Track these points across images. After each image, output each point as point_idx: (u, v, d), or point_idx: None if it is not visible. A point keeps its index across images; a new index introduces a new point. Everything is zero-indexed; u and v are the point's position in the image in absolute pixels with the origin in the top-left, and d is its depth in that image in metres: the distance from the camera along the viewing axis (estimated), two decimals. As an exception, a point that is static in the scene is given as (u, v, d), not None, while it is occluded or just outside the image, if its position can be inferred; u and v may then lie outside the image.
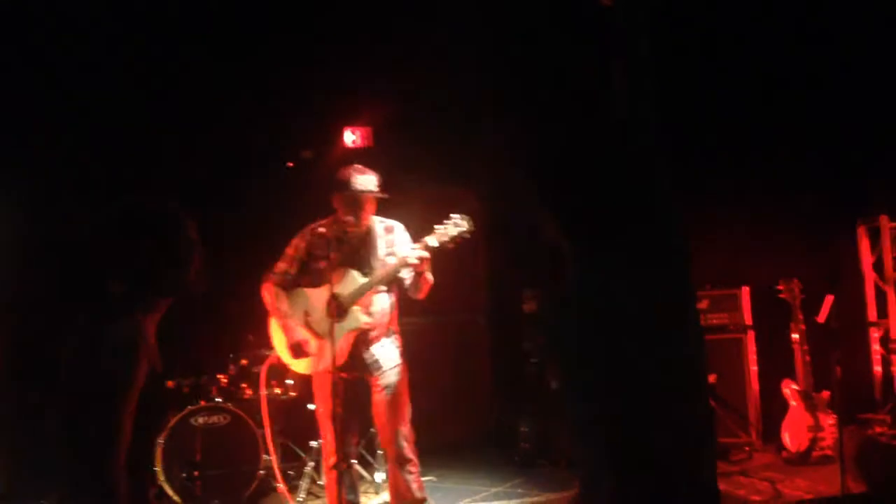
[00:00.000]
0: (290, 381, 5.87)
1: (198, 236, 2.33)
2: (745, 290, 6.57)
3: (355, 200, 4.19)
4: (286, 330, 4.24)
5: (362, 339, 4.20)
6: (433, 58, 6.49)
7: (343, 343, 4.12)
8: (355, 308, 4.15)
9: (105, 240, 2.26)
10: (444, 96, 6.62)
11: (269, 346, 5.87)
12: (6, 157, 5.92)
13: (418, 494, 4.29)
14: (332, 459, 4.12)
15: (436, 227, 4.07)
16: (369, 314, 4.19)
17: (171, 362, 2.20)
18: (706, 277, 6.71)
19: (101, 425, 2.10)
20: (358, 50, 6.60)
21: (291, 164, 7.24)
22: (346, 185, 4.20)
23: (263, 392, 5.38)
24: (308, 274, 4.28)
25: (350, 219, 4.19)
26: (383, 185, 4.27)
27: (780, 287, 6.18)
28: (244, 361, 5.91)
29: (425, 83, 6.62)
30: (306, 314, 4.27)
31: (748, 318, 6.54)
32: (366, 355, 4.23)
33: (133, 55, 6.21)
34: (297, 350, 4.20)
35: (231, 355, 5.94)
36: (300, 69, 6.77)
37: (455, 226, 4.05)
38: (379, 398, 4.25)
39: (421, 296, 4.27)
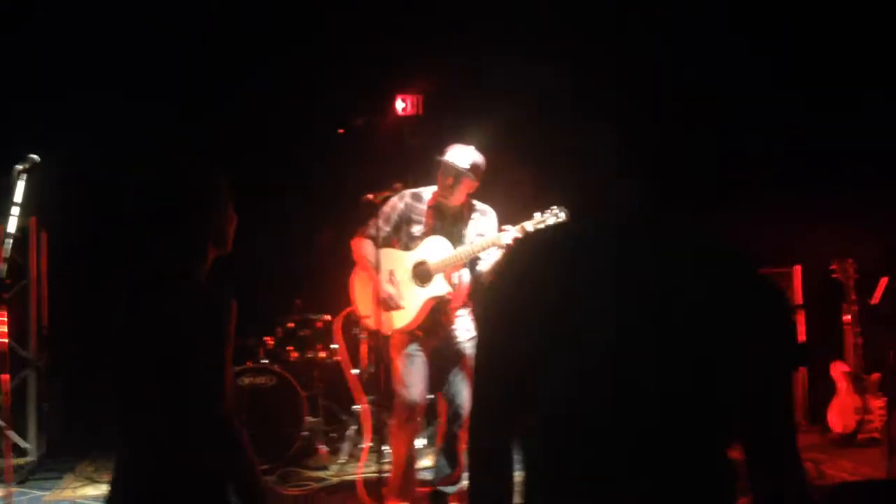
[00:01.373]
0: (334, 346, 5.95)
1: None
2: (798, 269, 6.46)
3: (445, 171, 4.27)
4: (375, 283, 4.31)
5: (441, 309, 4.34)
6: (488, 31, 6.46)
7: (421, 307, 4.29)
8: (439, 276, 4.28)
9: (148, 200, 2.29)
10: (497, 69, 6.58)
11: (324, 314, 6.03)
12: (62, 123, 6.05)
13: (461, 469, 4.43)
14: (405, 416, 4.30)
15: (535, 213, 4.15)
16: (451, 285, 4.31)
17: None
18: (758, 256, 6.60)
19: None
20: (413, 16, 6.59)
21: (342, 131, 7.28)
22: (442, 154, 4.31)
23: (341, 343, 5.64)
24: (400, 235, 4.39)
25: (442, 191, 4.30)
26: (476, 167, 4.29)
27: (834, 267, 6.07)
28: (291, 324, 6.00)
29: (479, 53, 6.58)
30: (391, 273, 4.36)
31: (800, 298, 6.44)
32: (444, 325, 4.37)
33: (189, 25, 6.28)
34: (385, 303, 4.28)
35: (278, 318, 6.04)
36: (354, 35, 6.78)
37: (554, 216, 4.13)
38: (453, 368, 4.36)
39: None
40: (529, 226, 4.12)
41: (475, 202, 4.43)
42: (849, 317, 5.96)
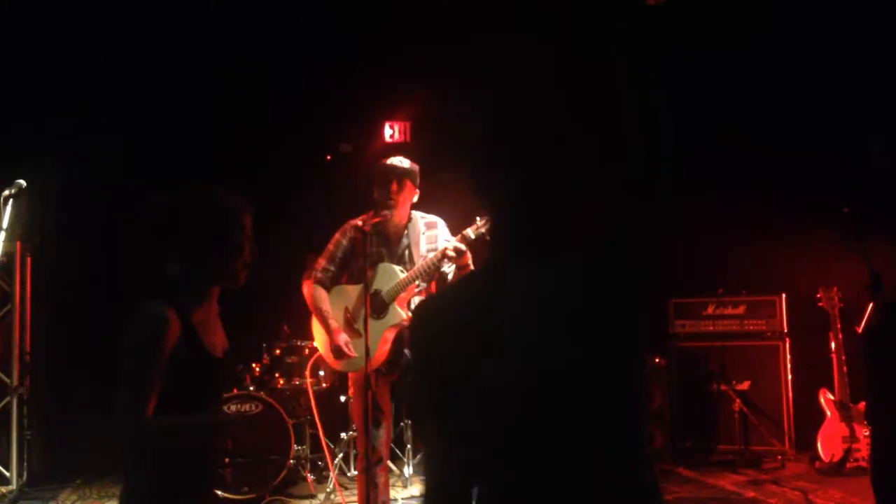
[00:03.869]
0: (321, 373, 5.91)
1: (251, 230, 2.36)
2: (783, 297, 6.49)
3: (387, 175, 4.12)
4: (327, 331, 4.16)
5: (402, 339, 4.12)
6: (473, 57, 6.50)
7: (383, 341, 4.08)
8: (393, 304, 4.09)
9: (162, 226, 2.30)
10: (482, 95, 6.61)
11: (311, 341, 5.96)
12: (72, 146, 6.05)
13: None
14: (363, 464, 4.08)
15: (477, 218, 3.96)
16: (409, 311, 4.11)
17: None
18: (743, 283, 6.64)
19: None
20: (400, 45, 6.62)
21: (330, 158, 7.29)
22: (378, 167, 4.18)
23: (310, 387, 5.48)
24: (349, 270, 4.22)
25: (386, 212, 4.10)
26: (414, 169, 4.18)
27: (819, 295, 6.10)
28: (278, 351, 5.97)
29: (464, 81, 6.62)
30: (346, 311, 4.20)
31: (785, 326, 6.47)
32: (406, 354, 4.17)
33: (176, 50, 6.29)
34: (339, 353, 4.10)
35: (265, 345, 6.00)
36: (342, 64, 6.81)
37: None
38: None
39: None
40: (470, 232, 3.91)
41: (420, 215, 4.25)
42: (834, 344, 5.98)
